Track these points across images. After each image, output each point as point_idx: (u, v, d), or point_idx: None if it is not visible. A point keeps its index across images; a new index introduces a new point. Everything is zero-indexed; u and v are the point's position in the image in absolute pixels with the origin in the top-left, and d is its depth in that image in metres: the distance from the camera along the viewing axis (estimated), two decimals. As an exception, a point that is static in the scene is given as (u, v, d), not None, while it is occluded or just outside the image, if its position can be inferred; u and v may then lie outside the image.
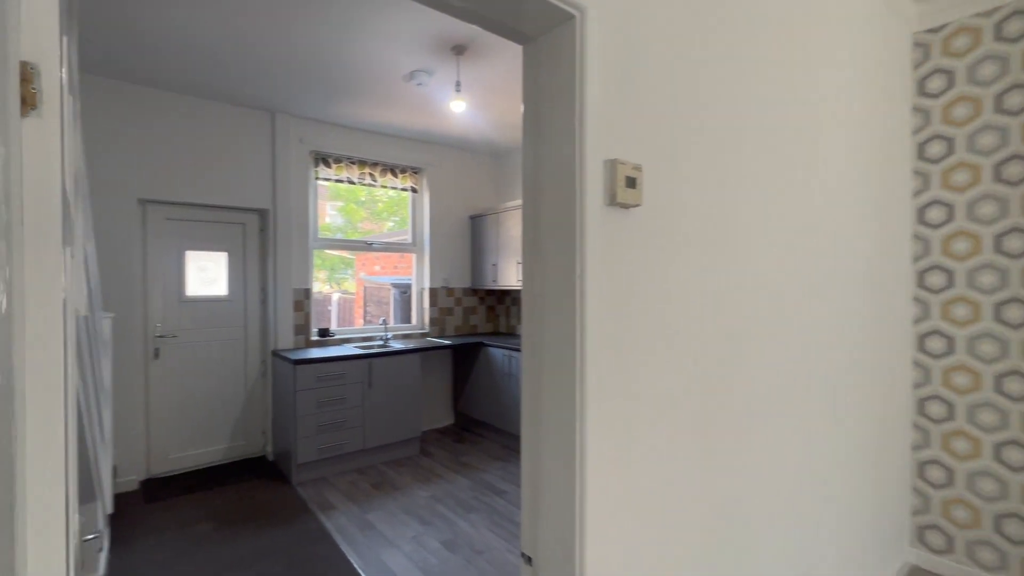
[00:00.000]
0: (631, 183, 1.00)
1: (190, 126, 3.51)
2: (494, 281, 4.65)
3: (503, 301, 5.14)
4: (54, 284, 0.57)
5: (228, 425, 3.80)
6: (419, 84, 3.15)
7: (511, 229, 4.46)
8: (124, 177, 3.28)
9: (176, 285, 3.59)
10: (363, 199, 4.69)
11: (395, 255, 4.92)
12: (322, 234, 4.25)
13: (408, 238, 4.78)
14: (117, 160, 3.25)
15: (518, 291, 4.86)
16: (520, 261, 4.30)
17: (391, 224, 4.89)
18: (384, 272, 5.42)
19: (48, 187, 0.57)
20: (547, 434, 1.07)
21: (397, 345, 4.17)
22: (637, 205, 1.03)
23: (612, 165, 0.98)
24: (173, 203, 3.54)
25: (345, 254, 4.78)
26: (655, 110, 1.11)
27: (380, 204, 4.78)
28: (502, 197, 5.12)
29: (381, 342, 4.30)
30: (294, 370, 3.40)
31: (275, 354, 3.77)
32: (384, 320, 4.39)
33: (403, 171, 4.59)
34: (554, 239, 1.01)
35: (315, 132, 4.03)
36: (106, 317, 2.67)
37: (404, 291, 4.92)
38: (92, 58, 2.89)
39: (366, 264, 5.38)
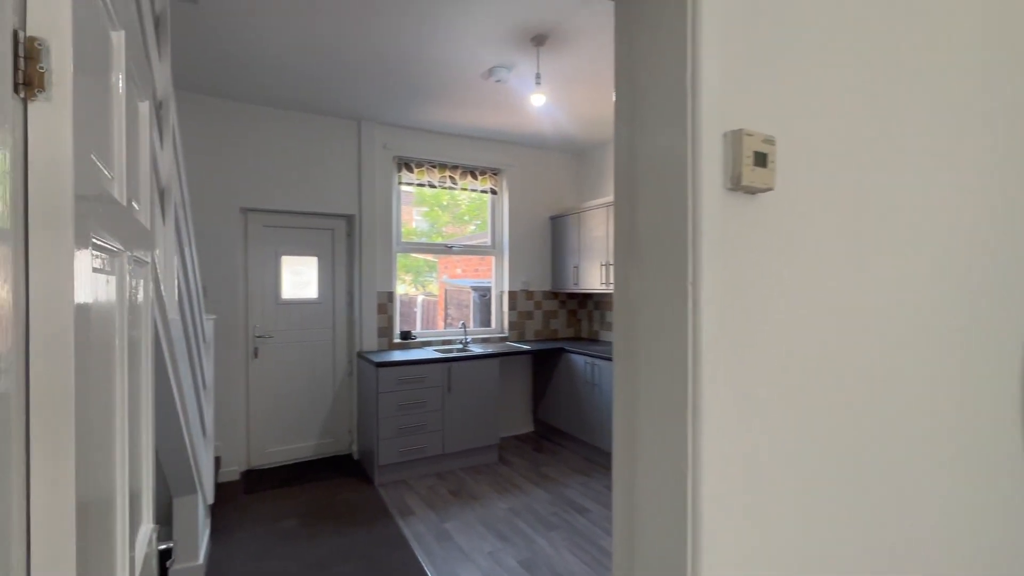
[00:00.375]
0: (761, 160, 0.77)
1: (285, 137, 3.70)
2: (575, 284, 4.44)
3: (585, 305, 4.91)
4: (62, 285, 0.49)
5: (318, 423, 3.96)
6: (498, 80, 3.05)
7: (593, 229, 4.23)
8: (228, 188, 3.52)
9: (273, 288, 3.80)
10: (446, 203, 4.71)
11: (476, 258, 4.89)
12: (406, 238, 4.31)
13: (487, 240, 4.72)
14: (222, 172, 3.50)
15: (601, 294, 4.60)
16: (606, 263, 4.08)
17: (473, 228, 4.87)
18: (465, 275, 5.43)
19: (57, 179, 0.48)
20: (646, 471, 0.87)
21: (476, 349, 4.11)
22: (768, 189, 0.80)
23: (736, 138, 0.76)
24: (270, 211, 3.75)
25: (428, 257, 4.84)
26: (794, 64, 0.86)
27: (463, 208, 4.77)
28: (583, 196, 4.90)
29: (460, 345, 4.26)
30: (376, 372, 3.44)
31: (360, 355, 3.86)
32: (463, 323, 4.35)
33: (482, 173, 4.54)
34: (657, 236, 0.81)
35: (398, 138, 4.09)
36: (209, 319, 2.85)
37: (483, 294, 4.86)
38: (194, 78, 3.13)
39: (448, 267, 5.42)
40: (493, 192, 4.63)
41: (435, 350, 4.06)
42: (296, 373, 3.87)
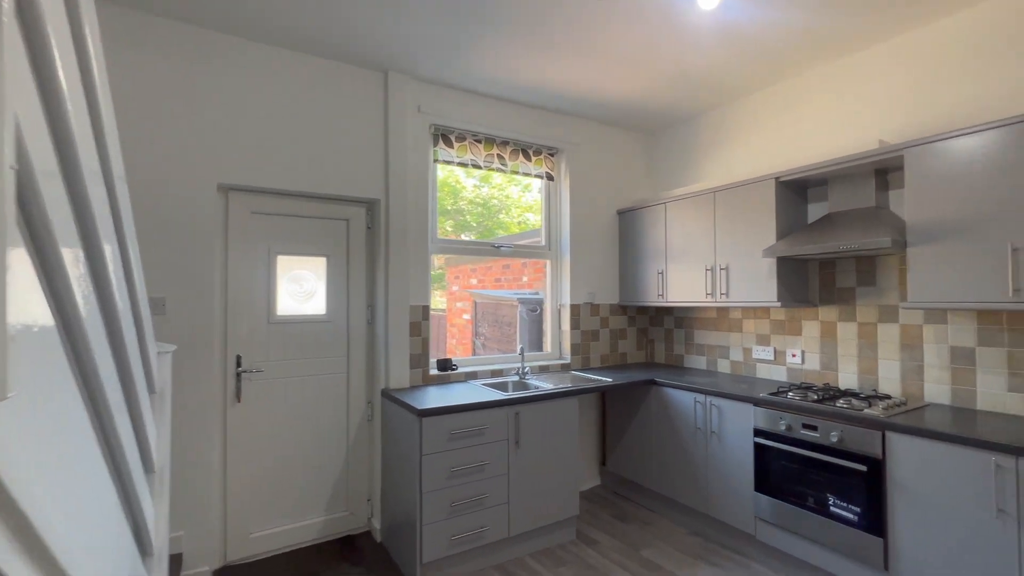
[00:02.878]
0: None
1: (284, 89, 2.62)
2: (661, 295, 3.43)
3: (660, 322, 3.89)
4: None
5: (325, 492, 2.81)
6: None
7: (688, 223, 3.25)
8: (201, 155, 2.41)
9: (264, 301, 2.68)
10: (450, 208, 3.59)
11: (497, 263, 3.88)
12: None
13: (541, 240, 3.69)
14: (192, 132, 2.39)
15: (688, 308, 3.61)
16: (713, 267, 3.02)
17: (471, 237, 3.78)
18: (482, 285, 4.38)
19: None
20: None
21: (536, 382, 3.05)
22: None
23: None
24: (262, 191, 2.65)
25: (439, 265, 3.78)
26: None
27: (466, 212, 3.66)
28: (659, 185, 3.93)
29: (517, 377, 3.20)
30: (419, 424, 2.35)
31: (386, 395, 2.76)
32: (522, 348, 3.28)
33: (537, 153, 3.52)
34: None
35: (437, 99, 3.06)
36: (165, 351, 1.72)
37: (533, 308, 3.81)
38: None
39: (461, 276, 4.37)
40: (550, 178, 3.62)
41: (484, 385, 2.98)
42: (295, 422, 2.74)
